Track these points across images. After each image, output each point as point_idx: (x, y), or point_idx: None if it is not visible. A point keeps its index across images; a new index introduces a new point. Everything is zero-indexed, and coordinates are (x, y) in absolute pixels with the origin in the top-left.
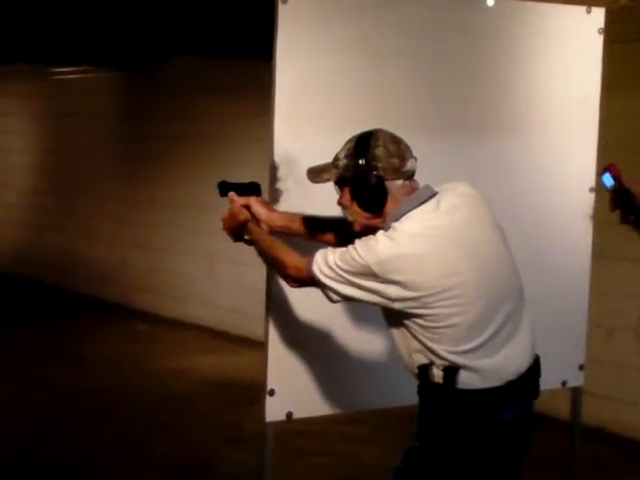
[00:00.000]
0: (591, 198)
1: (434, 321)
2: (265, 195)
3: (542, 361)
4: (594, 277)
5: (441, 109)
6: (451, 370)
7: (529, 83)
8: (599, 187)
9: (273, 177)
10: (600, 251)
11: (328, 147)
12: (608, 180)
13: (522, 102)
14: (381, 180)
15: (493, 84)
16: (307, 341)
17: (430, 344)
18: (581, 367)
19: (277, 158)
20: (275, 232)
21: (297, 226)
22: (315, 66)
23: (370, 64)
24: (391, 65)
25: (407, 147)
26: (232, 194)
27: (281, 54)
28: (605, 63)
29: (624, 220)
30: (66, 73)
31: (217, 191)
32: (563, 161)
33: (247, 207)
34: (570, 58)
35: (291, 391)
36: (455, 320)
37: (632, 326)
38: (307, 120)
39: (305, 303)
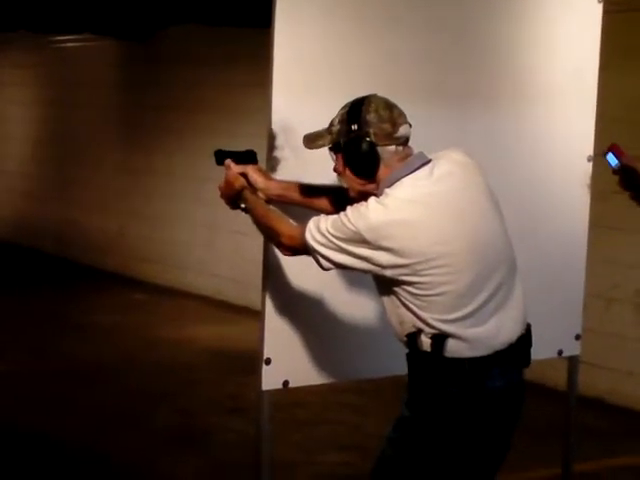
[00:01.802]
0: (589, 167)
1: (425, 289)
2: (262, 163)
3: (538, 330)
4: (593, 247)
5: (439, 77)
6: (439, 338)
7: (527, 52)
8: (597, 157)
9: (271, 145)
10: (599, 221)
11: (326, 116)
12: (612, 160)
13: (519, 70)
14: (373, 146)
15: (491, 52)
16: (304, 310)
17: (419, 312)
18: (577, 336)
19: (275, 127)
20: (272, 201)
21: (294, 194)
22: (314, 35)
23: (369, 32)
24: (389, 33)
25: (400, 113)
26: (228, 161)
27: (279, 22)
28: (604, 33)
29: (632, 197)
30: (66, 42)
31: (214, 160)
32: (561, 130)
33: (244, 175)
34: (569, 27)
35: (288, 360)
36: (446, 288)
37: (630, 297)
38: (305, 89)
39: (302, 272)
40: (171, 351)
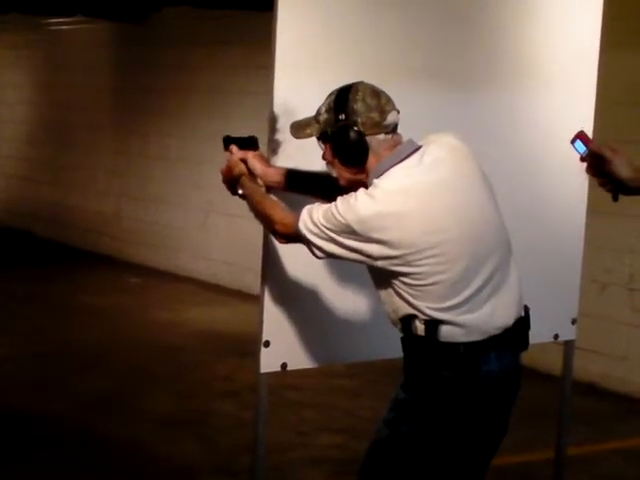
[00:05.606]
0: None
1: (418, 279)
2: (263, 146)
3: (535, 314)
4: (589, 232)
5: (438, 59)
6: (433, 323)
7: (528, 34)
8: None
9: (272, 128)
10: (595, 206)
11: None
12: (580, 147)
13: (520, 54)
14: (361, 135)
15: (492, 35)
16: (302, 293)
17: (414, 301)
18: (574, 321)
19: (277, 109)
20: (271, 188)
21: (292, 182)
22: (316, 16)
23: (371, 14)
24: (391, 15)
25: (388, 100)
26: (232, 147)
27: (282, 3)
28: (606, 13)
29: (602, 184)
30: (59, 24)
31: (216, 144)
32: (560, 113)
33: (244, 162)
34: (570, 7)
35: (286, 342)
36: (439, 277)
37: (625, 281)
38: (307, 71)
39: (301, 256)
40: (164, 334)
